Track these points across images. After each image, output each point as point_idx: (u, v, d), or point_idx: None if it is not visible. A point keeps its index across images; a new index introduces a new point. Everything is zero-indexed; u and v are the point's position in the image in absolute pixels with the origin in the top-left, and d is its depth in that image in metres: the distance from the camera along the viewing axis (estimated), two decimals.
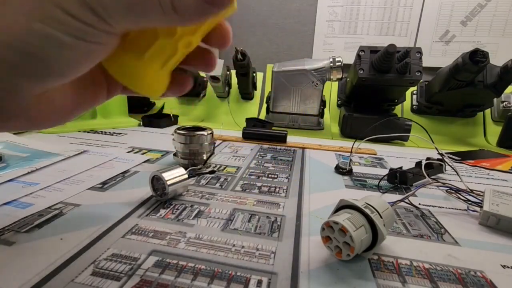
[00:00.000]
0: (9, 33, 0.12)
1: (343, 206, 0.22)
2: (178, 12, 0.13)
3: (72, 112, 0.18)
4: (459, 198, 0.31)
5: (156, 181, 0.29)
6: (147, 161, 0.41)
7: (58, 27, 0.12)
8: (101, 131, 0.59)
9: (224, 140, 0.56)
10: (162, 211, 0.26)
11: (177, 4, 0.12)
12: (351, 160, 0.42)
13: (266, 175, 0.37)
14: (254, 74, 0.85)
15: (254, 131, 0.57)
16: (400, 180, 0.35)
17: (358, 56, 0.60)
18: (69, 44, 0.13)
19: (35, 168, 0.34)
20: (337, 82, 0.83)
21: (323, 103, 0.72)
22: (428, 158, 0.40)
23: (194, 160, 0.38)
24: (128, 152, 0.44)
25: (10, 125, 0.16)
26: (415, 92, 0.77)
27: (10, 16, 0.12)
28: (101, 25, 0.13)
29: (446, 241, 0.24)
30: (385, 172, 0.38)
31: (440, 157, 0.41)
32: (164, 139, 0.55)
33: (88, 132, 0.58)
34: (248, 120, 0.65)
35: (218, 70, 0.73)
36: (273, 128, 0.62)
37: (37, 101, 0.15)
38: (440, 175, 0.40)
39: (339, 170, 0.40)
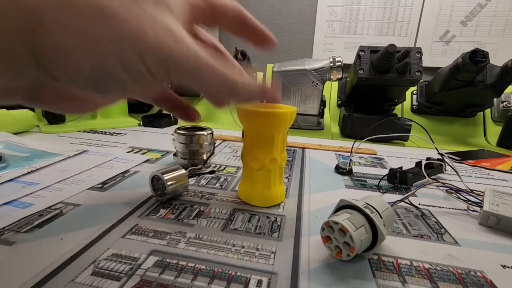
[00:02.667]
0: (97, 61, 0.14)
1: (343, 206, 0.22)
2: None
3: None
4: (459, 198, 0.31)
5: (156, 181, 0.29)
6: (147, 161, 0.41)
7: (131, 72, 0.14)
8: (101, 131, 0.59)
9: (224, 140, 0.56)
10: (162, 211, 0.26)
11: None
12: (351, 160, 0.42)
13: None
14: (254, 74, 0.84)
15: None
16: (400, 180, 0.35)
17: (358, 56, 0.60)
18: (130, 85, 0.15)
19: (35, 168, 0.34)
20: (337, 82, 0.83)
21: (323, 103, 0.72)
22: (428, 158, 0.40)
23: (194, 160, 0.38)
24: (128, 152, 0.44)
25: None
26: (415, 92, 0.77)
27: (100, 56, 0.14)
28: (164, 78, 0.15)
29: (446, 241, 0.24)
30: (385, 172, 0.38)
31: (440, 157, 0.40)
32: (164, 139, 0.55)
33: (88, 132, 0.58)
34: None
35: None
36: None
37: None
38: (440, 175, 0.40)
39: (339, 170, 0.40)
